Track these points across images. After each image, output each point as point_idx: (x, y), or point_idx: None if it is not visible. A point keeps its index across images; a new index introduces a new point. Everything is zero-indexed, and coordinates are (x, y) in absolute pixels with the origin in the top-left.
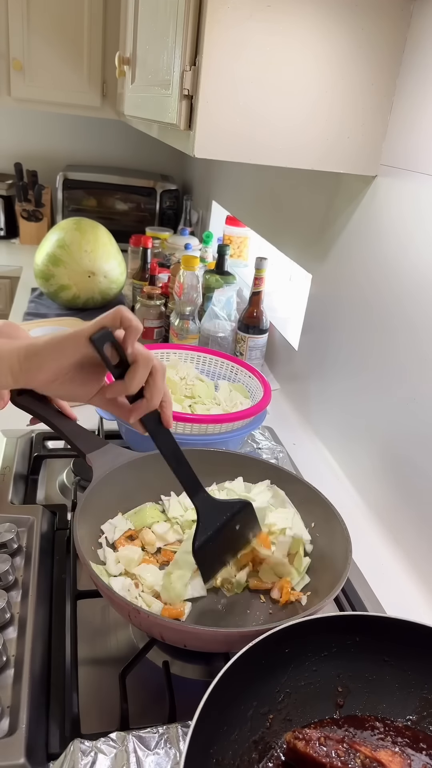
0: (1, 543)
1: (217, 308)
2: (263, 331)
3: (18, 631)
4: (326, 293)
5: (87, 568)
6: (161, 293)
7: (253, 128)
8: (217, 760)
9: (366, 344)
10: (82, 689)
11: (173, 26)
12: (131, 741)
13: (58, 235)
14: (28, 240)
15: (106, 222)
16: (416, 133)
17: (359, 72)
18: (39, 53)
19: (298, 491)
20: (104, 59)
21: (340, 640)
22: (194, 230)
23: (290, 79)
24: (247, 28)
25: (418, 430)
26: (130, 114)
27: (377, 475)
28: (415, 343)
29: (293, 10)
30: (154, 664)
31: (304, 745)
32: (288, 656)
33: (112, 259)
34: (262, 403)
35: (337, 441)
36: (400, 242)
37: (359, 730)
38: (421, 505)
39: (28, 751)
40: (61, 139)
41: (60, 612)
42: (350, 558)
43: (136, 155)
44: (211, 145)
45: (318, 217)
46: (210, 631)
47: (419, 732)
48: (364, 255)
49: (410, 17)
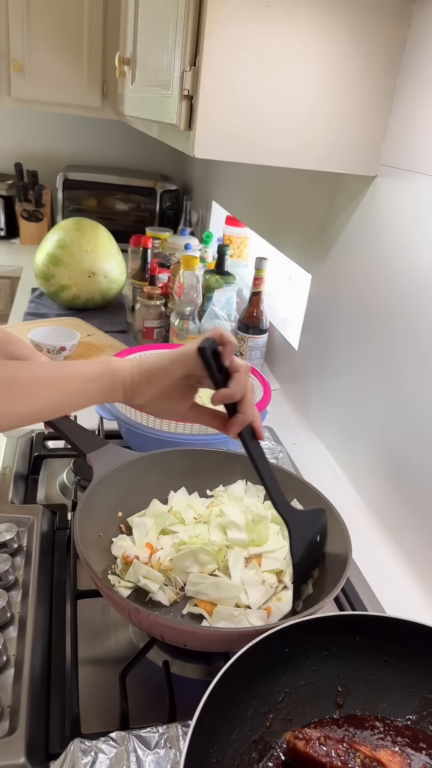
0: (1, 543)
1: (217, 308)
2: (263, 331)
3: (18, 631)
4: (326, 293)
5: (87, 567)
6: (161, 293)
7: (253, 128)
8: (217, 759)
9: (366, 344)
10: (82, 689)
11: (173, 26)
12: (131, 740)
13: (59, 235)
14: (29, 240)
15: (106, 222)
16: (416, 133)
17: (359, 72)
18: (39, 53)
19: (298, 491)
20: (104, 59)
21: (340, 639)
22: (194, 230)
23: (290, 79)
24: (247, 29)
25: (418, 429)
26: (130, 114)
27: (377, 475)
28: (414, 342)
29: (293, 11)
30: (154, 663)
31: (304, 744)
32: (288, 656)
33: (112, 259)
34: (262, 402)
35: (336, 441)
36: (399, 242)
37: (359, 729)
38: (420, 505)
39: (28, 750)
40: (61, 139)
41: (60, 612)
42: (350, 558)
43: (136, 155)
44: (211, 145)
45: (318, 217)
46: (210, 631)
47: (419, 732)
48: (363, 255)
49: (410, 17)
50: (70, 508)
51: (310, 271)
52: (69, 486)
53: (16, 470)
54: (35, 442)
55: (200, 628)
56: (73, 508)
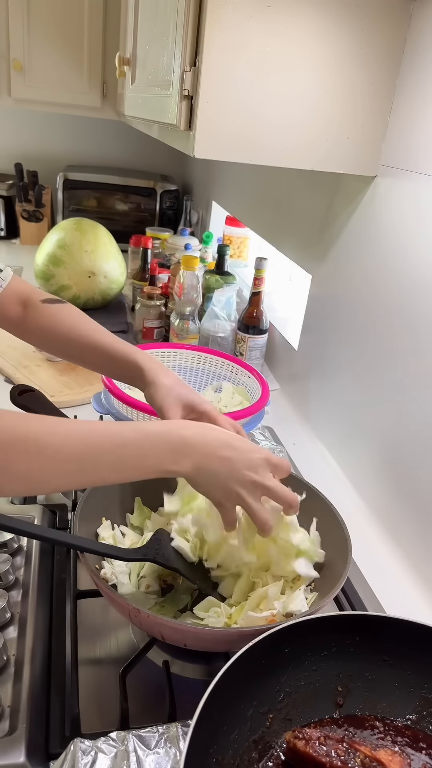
0: (1, 543)
1: (217, 308)
2: (263, 331)
3: (18, 631)
4: (326, 293)
5: (87, 567)
6: (161, 293)
7: (253, 128)
8: (217, 759)
9: (366, 344)
10: (82, 689)
11: (173, 27)
12: (131, 740)
13: (59, 236)
14: (29, 240)
15: (106, 222)
16: (416, 134)
17: (359, 72)
18: (39, 54)
19: (298, 491)
20: (104, 59)
21: (340, 639)
22: (194, 230)
23: (290, 79)
24: (247, 29)
25: (418, 429)
26: (130, 114)
27: (377, 475)
28: (415, 342)
29: (293, 11)
30: (155, 663)
31: (304, 744)
32: (288, 656)
33: (112, 259)
34: (260, 402)
35: (337, 440)
36: (399, 242)
37: (359, 729)
38: (420, 505)
39: (28, 750)
40: (61, 139)
41: (60, 612)
42: (350, 558)
43: (136, 155)
44: (211, 145)
45: (318, 217)
46: (210, 631)
47: (419, 731)
48: (363, 255)
49: (410, 17)
50: (70, 508)
51: (310, 271)
52: None
53: None
54: None
55: (200, 628)
56: (73, 508)
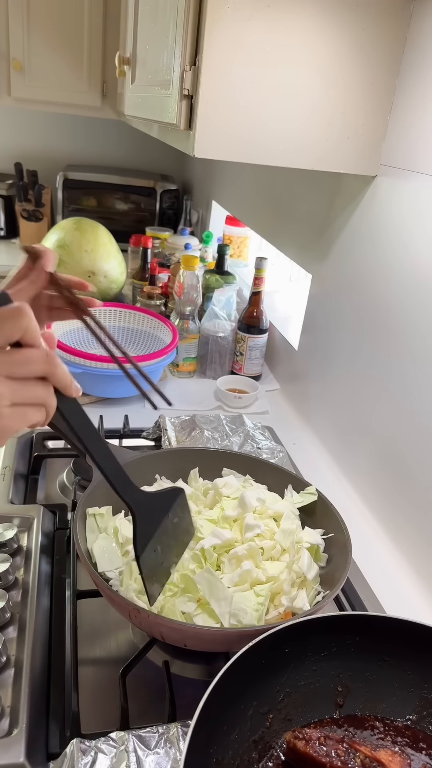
0: (1, 543)
1: (217, 308)
2: (263, 331)
3: (18, 631)
4: (326, 293)
5: (87, 567)
6: (161, 293)
7: (253, 128)
8: (217, 759)
9: (366, 344)
10: (82, 689)
11: (173, 26)
12: (131, 740)
13: (58, 235)
14: (29, 240)
15: (106, 222)
16: (416, 133)
17: (359, 72)
18: (39, 53)
19: (298, 491)
20: (104, 59)
21: (340, 640)
22: (194, 230)
23: (290, 79)
24: (248, 28)
25: (417, 430)
26: (130, 114)
27: (377, 475)
28: (415, 342)
29: (293, 10)
30: (155, 663)
31: (304, 744)
32: (288, 656)
33: (112, 259)
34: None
35: (336, 441)
36: (400, 242)
37: (359, 729)
38: (420, 506)
39: (28, 750)
40: (61, 139)
41: (60, 612)
42: (350, 558)
43: (136, 155)
44: (211, 145)
45: (318, 217)
46: (210, 631)
47: (419, 732)
48: (364, 255)
49: (410, 17)
50: (70, 508)
51: (310, 271)
52: (69, 486)
53: (16, 470)
54: (35, 442)
55: (200, 628)
56: (73, 508)
